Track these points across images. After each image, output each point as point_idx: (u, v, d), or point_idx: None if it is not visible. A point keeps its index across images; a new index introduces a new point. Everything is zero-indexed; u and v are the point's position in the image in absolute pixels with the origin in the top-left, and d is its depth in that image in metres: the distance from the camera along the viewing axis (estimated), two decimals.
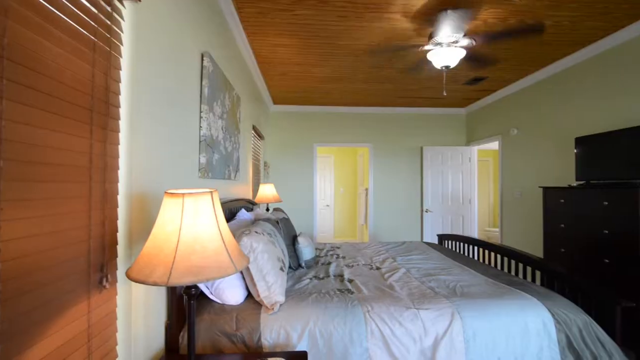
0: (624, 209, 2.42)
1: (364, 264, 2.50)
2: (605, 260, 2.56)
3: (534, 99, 4.05)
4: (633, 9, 2.49)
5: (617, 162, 2.69)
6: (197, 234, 0.86)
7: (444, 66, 2.55)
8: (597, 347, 1.52)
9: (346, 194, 7.72)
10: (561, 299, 1.70)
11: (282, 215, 2.80)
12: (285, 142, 5.53)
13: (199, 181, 1.93)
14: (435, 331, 1.49)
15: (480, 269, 2.25)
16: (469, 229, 5.44)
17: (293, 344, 1.45)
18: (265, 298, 1.54)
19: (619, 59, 2.94)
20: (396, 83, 4.26)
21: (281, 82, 4.26)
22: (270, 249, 1.66)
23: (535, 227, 3.98)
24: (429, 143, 5.66)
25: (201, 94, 1.93)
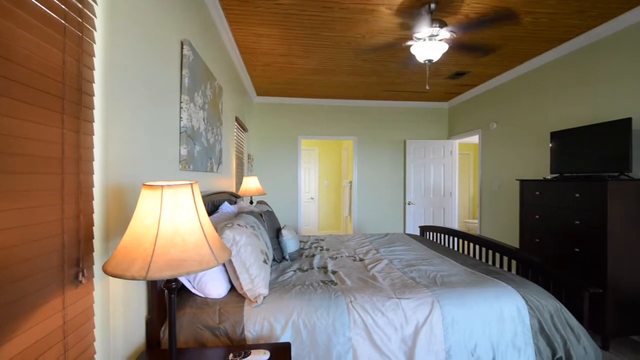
0: (593, 201, 2.53)
1: (348, 255, 2.53)
2: (576, 250, 2.68)
3: (513, 94, 4.16)
4: (606, 9, 2.58)
5: (588, 156, 2.81)
6: (177, 227, 0.84)
7: (427, 60, 2.57)
8: (566, 331, 1.60)
9: (331, 186, 7.74)
10: (534, 286, 1.78)
11: (266, 208, 2.78)
12: (270, 134, 5.47)
13: (180, 173, 1.89)
14: (416, 319, 1.53)
15: (459, 259, 2.32)
16: (450, 221, 5.58)
17: (277, 336, 1.46)
18: (248, 291, 1.54)
19: (591, 57, 3.04)
20: (381, 76, 4.27)
21: (265, 73, 4.19)
22: (254, 242, 1.65)
23: (512, 218, 4.13)
24: (412, 136, 5.74)
25: (181, 84, 1.88)
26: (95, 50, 1.03)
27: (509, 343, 1.57)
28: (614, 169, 2.58)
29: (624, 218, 2.46)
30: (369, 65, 3.86)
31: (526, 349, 1.57)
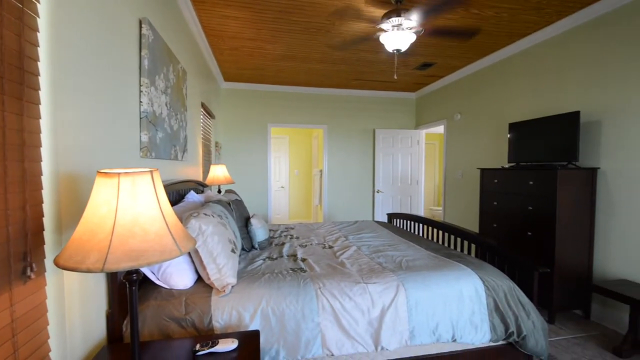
0: (545, 188, 2.73)
1: (317, 243, 2.56)
2: (528, 233, 2.89)
3: (476, 86, 4.33)
4: (561, 6, 2.73)
5: (541, 146, 3.01)
6: (136, 216, 0.80)
7: (396, 49, 2.60)
8: (518, 308, 1.74)
9: (301, 175, 7.74)
10: (491, 268, 1.90)
11: (235, 197, 2.73)
12: (238, 121, 5.33)
13: (141, 161, 1.79)
14: (382, 303, 1.59)
15: (423, 244, 2.42)
16: (416, 208, 5.80)
17: (245, 324, 1.45)
18: (216, 281, 1.51)
19: (547, 52, 3.23)
20: (350, 65, 4.27)
21: (232, 57, 4.05)
22: (221, 231, 1.61)
23: (473, 205, 4.36)
24: (382, 126, 5.83)
25: (140, 66, 1.76)
26: (39, 25, 0.93)
27: (467, 321, 1.67)
28: (563, 158, 2.79)
29: (570, 204, 2.68)
30: (339, 53, 3.85)
31: (482, 326, 1.68)
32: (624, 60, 2.54)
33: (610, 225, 2.63)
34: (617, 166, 2.59)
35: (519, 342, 1.72)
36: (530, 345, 1.71)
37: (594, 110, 2.76)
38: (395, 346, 1.57)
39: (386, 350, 1.58)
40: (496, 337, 1.70)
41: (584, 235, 2.73)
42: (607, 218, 2.66)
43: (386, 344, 1.55)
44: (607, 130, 2.66)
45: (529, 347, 1.71)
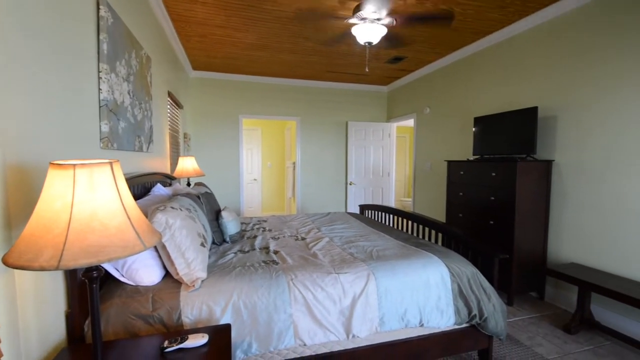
0: (506, 179, 2.89)
1: (290, 235, 2.56)
2: (490, 222, 3.06)
3: (444, 81, 4.47)
4: (522, 6, 2.86)
5: (503, 140, 3.17)
6: (94, 210, 0.76)
7: (367, 42, 2.62)
8: (480, 293, 1.84)
9: (274, 167, 7.66)
10: (456, 255, 1.99)
11: (205, 190, 2.66)
12: (208, 112, 5.16)
13: (102, 152, 1.70)
14: (353, 292, 1.62)
15: (394, 234, 2.49)
16: (387, 199, 5.94)
17: (216, 319, 1.43)
18: (185, 275, 1.47)
19: (509, 50, 3.39)
20: (323, 56, 4.25)
21: (201, 45, 3.89)
22: (190, 225, 1.57)
23: (441, 196, 4.53)
24: (354, 118, 5.88)
25: (99, 50, 1.65)
26: None
27: (434, 306, 1.75)
28: (522, 151, 2.96)
29: (528, 194, 2.85)
30: (311, 44, 3.81)
31: (447, 310, 1.77)
32: (577, 60, 2.72)
33: (563, 213, 2.84)
34: (569, 159, 2.79)
35: (480, 324, 1.83)
36: (491, 326, 1.82)
37: (550, 106, 2.94)
38: (366, 333, 1.62)
39: (357, 338, 1.62)
40: (460, 320, 1.79)
41: (540, 224, 2.93)
42: (560, 207, 2.87)
43: (357, 331, 1.59)
44: (562, 125, 2.85)
45: (489, 328, 1.83)
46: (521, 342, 2.30)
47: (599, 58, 2.56)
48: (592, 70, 2.61)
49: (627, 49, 2.37)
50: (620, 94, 2.42)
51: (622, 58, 2.41)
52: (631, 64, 2.35)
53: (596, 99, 2.58)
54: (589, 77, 2.63)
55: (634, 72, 2.33)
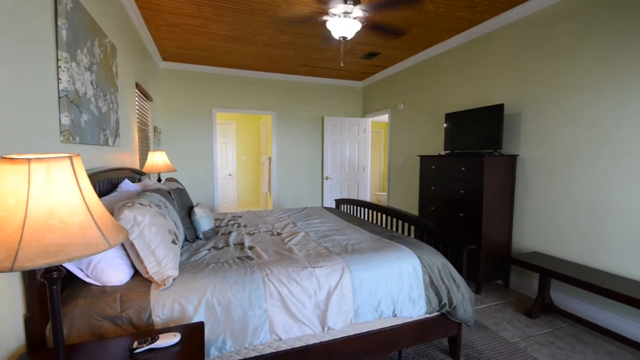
0: (474, 173, 3.01)
1: (266, 230, 2.54)
2: (460, 215, 3.18)
3: (418, 78, 4.57)
4: (491, 6, 2.96)
5: (472, 135, 3.30)
6: (53, 208, 0.72)
7: (342, 37, 2.62)
8: (450, 282, 1.91)
9: (250, 162, 7.55)
10: (428, 247, 2.06)
11: (176, 186, 2.58)
12: (180, 105, 4.99)
13: (63, 147, 1.60)
14: (328, 285, 1.64)
15: (368, 228, 2.54)
16: (363, 194, 6.03)
17: (189, 317, 1.40)
18: (155, 274, 1.43)
19: (479, 48, 3.51)
20: (298, 50, 4.22)
21: (171, 35, 3.74)
22: (160, 222, 1.52)
23: (414, 189, 4.66)
24: (330, 113, 5.89)
25: (57, 37, 1.55)
26: None
27: (406, 296, 1.80)
28: (490, 146, 3.09)
29: (495, 188, 2.99)
30: (286, 37, 3.77)
31: (419, 300, 1.83)
32: (539, 60, 2.86)
33: (526, 205, 3.01)
34: (532, 154, 2.94)
35: (450, 312, 1.90)
36: (460, 314, 1.90)
37: (515, 104, 3.09)
38: (341, 325, 1.64)
39: (333, 330, 1.65)
40: (431, 309, 1.86)
41: (505, 215, 3.08)
42: (523, 199, 3.03)
43: (332, 323, 1.61)
44: (525, 122, 3.00)
45: (458, 315, 1.91)
46: (488, 328, 2.42)
47: (558, 59, 2.71)
48: (553, 70, 2.75)
49: (584, 51, 2.52)
50: (578, 92, 2.57)
51: (579, 59, 2.56)
52: (588, 65, 2.50)
53: (556, 97, 2.73)
54: (549, 76, 2.78)
55: (590, 72, 2.49)
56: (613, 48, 2.34)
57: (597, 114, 2.45)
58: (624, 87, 2.29)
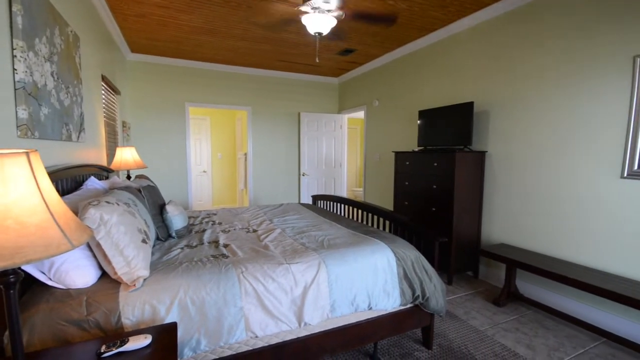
0: (446, 169, 3.11)
1: (241, 227, 2.51)
2: (433, 209, 3.28)
3: (392, 75, 4.64)
4: (461, 7, 3.05)
5: (444, 132, 3.40)
6: (7, 207, 0.67)
7: (317, 32, 2.61)
8: (422, 274, 1.97)
9: (225, 158, 7.40)
10: (402, 241, 2.11)
11: (147, 183, 2.49)
12: (151, 99, 4.80)
13: (21, 142, 1.50)
14: (304, 281, 1.64)
15: (344, 223, 2.56)
16: (340, 190, 6.08)
17: (161, 318, 1.36)
18: (124, 275, 1.37)
19: (450, 47, 3.61)
20: (274, 45, 4.16)
21: (139, 26, 3.58)
22: (129, 220, 1.46)
23: (389, 185, 4.75)
24: (306, 109, 5.88)
25: (12, 24, 1.44)
26: None
27: (381, 289, 1.84)
28: (460, 143, 3.20)
29: (465, 183, 3.11)
30: (262, 31, 3.71)
31: (393, 292, 1.87)
32: (506, 60, 2.99)
33: (493, 199, 3.15)
34: (499, 150, 3.08)
35: (423, 303, 1.97)
36: (432, 305, 1.97)
37: (484, 101, 3.21)
38: (318, 320, 1.66)
39: (309, 325, 1.66)
40: (405, 301, 1.91)
41: (475, 209, 3.21)
42: (491, 194, 3.17)
43: (309, 319, 1.62)
44: (493, 119, 3.13)
45: (431, 306, 1.97)
46: (458, 317, 2.52)
47: (523, 59, 2.84)
48: (518, 70, 2.88)
49: (546, 52, 2.66)
50: (540, 92, 2.72)
51: (541, 59, 2.70)
52: (549, 65, 2.64)
53: (520, 96, 2.87)
54: (514, 76, 2.91)
55: (551, 72, 2.63)
56: (570, 52, 2.48)
57: (560, 112, 2.59)
58: (583, 88, 2.43)
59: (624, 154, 2.21)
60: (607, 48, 2.28)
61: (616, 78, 2.24)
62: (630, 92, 2.16)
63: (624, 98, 2.20)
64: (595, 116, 2.36)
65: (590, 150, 2.40)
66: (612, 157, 2.28)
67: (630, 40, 2.16)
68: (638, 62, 2.11)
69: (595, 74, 2.36)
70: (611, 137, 2.28)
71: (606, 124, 2.30)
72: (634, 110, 2.15)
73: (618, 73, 2.23)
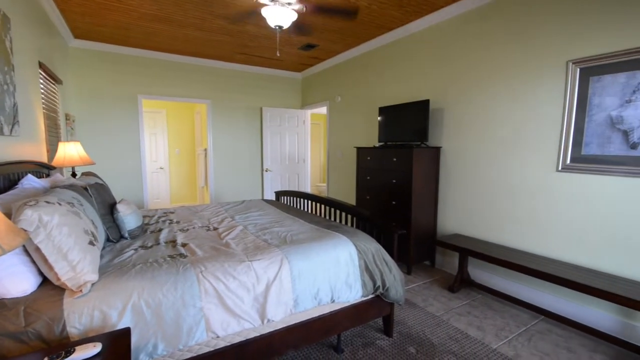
0: (404, 164, 3.23)
1: (201, 226, 2.42)
2: (393, 202, 3.40)
3: (354, 71, 4.71)
4: (417, 7, 3.16)
5: (403, 128, 3.52)
6: None
7: (277, 25, 2.57)
8: (382, 266, 2.04)
9: (183, 154, 7.08)
10: (363, 234, 2.17)
11: (95, 181, 2.31)
12: (98, 90, 4.43)
13: None
14: (267, 277, 1.63)
15: (307, 219, 2.57)
16: (304, 185, 6.08)
17: (112, 324, 1.28)
18: (69, 280, 1.27)
19: (408, 46, 3.74)
20: (233, 36, 4.03)
21: (82, 9, 3.28)
22: (73, 221, 1.35)
23: (352, 180, 4.84)
24: (269, 104, 5.79)
25: None
26: None
27: (343, 282, 1.88)
28: (418, 139, 3.34)
29: (422, 177, 3.25)
30: (221, 22, 3.57)
31: (355, 285, 1.92)
32: (461, 60, 3.16)
33: (447, 192, 3.33)
34: (452, 145, 3.26)
35: (384, 293, 2.04)
36: (392, 294, 2.05)
37: (439, 99, 3.37)
38: (282, 316, 1.65)
39: (272, 322, 1.65)
40: (366, 293, 1.97)
41: (431, 202, 3.38)
42: (446, 187, 3.35)
43: (272, 315, 1.61)
44: (447, 116, 3.30)
45: (391, 296, 2.05)
46: (417, 305, 2.65)
47: (474, 60, 3.02)
48: (469, 71, 3.06)
49: (494, 54, 2.85)
50: (489, 91, 2.91)
51: (490, 61, 2.88)
52: (497, 67, 2.83)
53: (471, 95, 3.05)
54: (467, 76, 3.09)
55: (499, 73, 2.82)
56: (515, 55, 2.68)
57: (507, 111, 2.80)
58: (526, 89, 2.64)
59: (559, 150, 2.44)
60: (545, 53, 2.50)
61: (553, 81, 2.46)
62: (564, 94, 2.39)
63: (559, 99, 2.43)
64: (537, 115, 2.58)
65: (533, 146, 2.62)
66: (550, 153, 2.51)
67: (565, 47, 2.38)
68: (571, 67, 2.33)
69: (536, 77, 2.57)
70: (550, 135, 2.50)
71: (546, 123, 2.53)
72: (566, 111, 2.38)
73: (554, 77, 2.45)
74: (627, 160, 2.11)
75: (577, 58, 2.31)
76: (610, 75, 2.16)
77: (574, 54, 2.33)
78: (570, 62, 2.33)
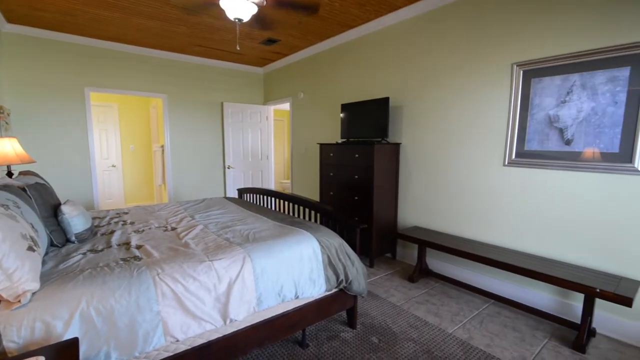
0: (366, 160, 3.31)
1: (158, 226, 2.31)
2: (355, 198, 3.47)
3: (316, 68, 4.72)
4: (377, 6, 3.23)
5: (365, 125, 3.60)
6: None
7: (237, 18, 2.50)
8: (345, 260, 2.08)
9: (138, 151, 6.68)
10: (326, 230, 2.19)
11: (35, 180, 2.12)
12: (38, 80, 4.04)
13: None
14: (228, 277, 1.60)
15: (271, 216, 2.55)
16: (267, 182, 6.01)
17: (58, 335, 1.19)
18: (4, 290, 1.15)
19: (369, 44, 3.82)
20: (189, 27, 3.86)
21: None
22: (8, 225, 1.22)
23: (315, 176, 4.86)
24: (230, 99, 5.63)
25: None
26: None
27: (307, 278, 1.89)
28: (379, 135, 3.43)
29: (383, 172, 3.35)
30: (176, 12, 3.40)
31: (319, 280, 1.94)
32: (419, 59, 3.28)
33: (407, 186, 3.47)
34: (411, 141, 3.39)
35: (347, 287, 2.08)
36: (355, 287, 2.10)
37: (398, 97, 3.49)
38: (245, 315, 1.63)
39: (235, 322, 1.62)
40: (330, 287, 2.00)
41: (392, 196, 3.50)
42: (405, 181, 3.48)
43: (235, 315, 1.59)
44: (406, 113, 3.42)
45: (354, 289, 2.10)
46: (379, 296, 2.74)
47: (431, 59, 3.15)
48: (426, 69, 3.20)
49: (448, 55, 3.00)
50: (445, 90, 3.06)
51: (445, 61, 3.03)
52: (451, 66, 2.99)
53: (429, 93, 3.19)
54: (424, 74, 3.22)
55: (452, 73, 2.98)
56: (467, 56, 2.85)
57: (461, 109, 2.96)
58: (478, 89, 2.81)
59: (505, 146, 2.64)
60: (493, 55, 2.67)
61: (500, 82, 2.64)
62: (510, 94, 2.58)
63: (505, 99, 2.61)
64: (486, 114, 2.76)
65: (483, 142, 2.80)
66: (498, 149, 2.70)
67: (510, 50, 2.56)
68: (515, 69, 2.52)
69: (487, 77, 2.74)
70: (498, 132, 2.69)
71: (494, 120, 2.71)
72: (511, 110, 2.57)
73: (501, 78, 2.63)
74: (562, 155, 2.33)
75: (520, 61, 2.50)
76: (548, 78, 2.36)
77: (518, 57, 2.52)
78: (515, 65, 2.52)
